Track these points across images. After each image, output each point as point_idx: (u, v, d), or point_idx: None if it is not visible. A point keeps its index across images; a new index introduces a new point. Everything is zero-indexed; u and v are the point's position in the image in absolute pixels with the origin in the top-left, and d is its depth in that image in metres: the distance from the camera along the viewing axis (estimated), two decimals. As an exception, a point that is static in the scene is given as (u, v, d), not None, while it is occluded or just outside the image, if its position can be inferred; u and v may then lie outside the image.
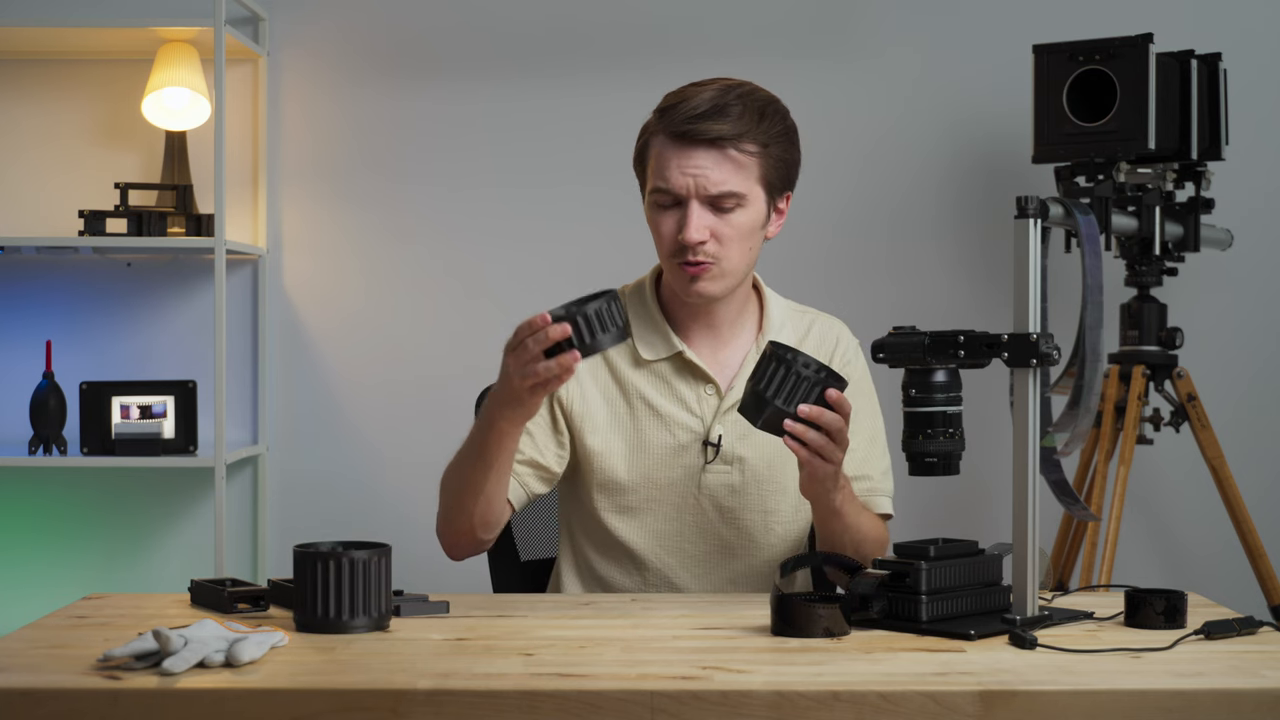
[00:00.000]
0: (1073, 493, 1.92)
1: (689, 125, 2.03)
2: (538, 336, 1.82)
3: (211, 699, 1.48)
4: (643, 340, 2.15)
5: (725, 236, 2.06)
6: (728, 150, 2.04)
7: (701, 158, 2.04)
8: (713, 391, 2.14)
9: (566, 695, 1.47)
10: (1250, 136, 3.46)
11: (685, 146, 2.04)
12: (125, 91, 3.59)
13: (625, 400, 2.14)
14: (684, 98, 2.06)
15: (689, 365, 2.14)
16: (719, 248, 2.06)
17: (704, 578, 2.15)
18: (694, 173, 2.04)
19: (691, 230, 2.03)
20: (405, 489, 3.59)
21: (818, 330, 2.24)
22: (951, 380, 1.82)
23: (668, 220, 2.07)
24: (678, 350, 2.14)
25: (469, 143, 3.61)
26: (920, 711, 1.46)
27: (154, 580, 3.57)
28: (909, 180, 3.59)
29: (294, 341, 3.63)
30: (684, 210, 2.05)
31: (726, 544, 2.14)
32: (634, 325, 2.15)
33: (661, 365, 2.15)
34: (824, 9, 3.60)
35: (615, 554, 2.15)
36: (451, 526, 2.07)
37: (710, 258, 2.06)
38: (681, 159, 2.04)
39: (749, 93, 2.07)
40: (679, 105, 2.05)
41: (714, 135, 2.03)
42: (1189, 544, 3.59)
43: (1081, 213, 1.91)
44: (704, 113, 2.03)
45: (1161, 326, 3.24)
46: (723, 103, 2.04)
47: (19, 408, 3.49)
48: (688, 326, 2.16)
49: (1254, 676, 1.54)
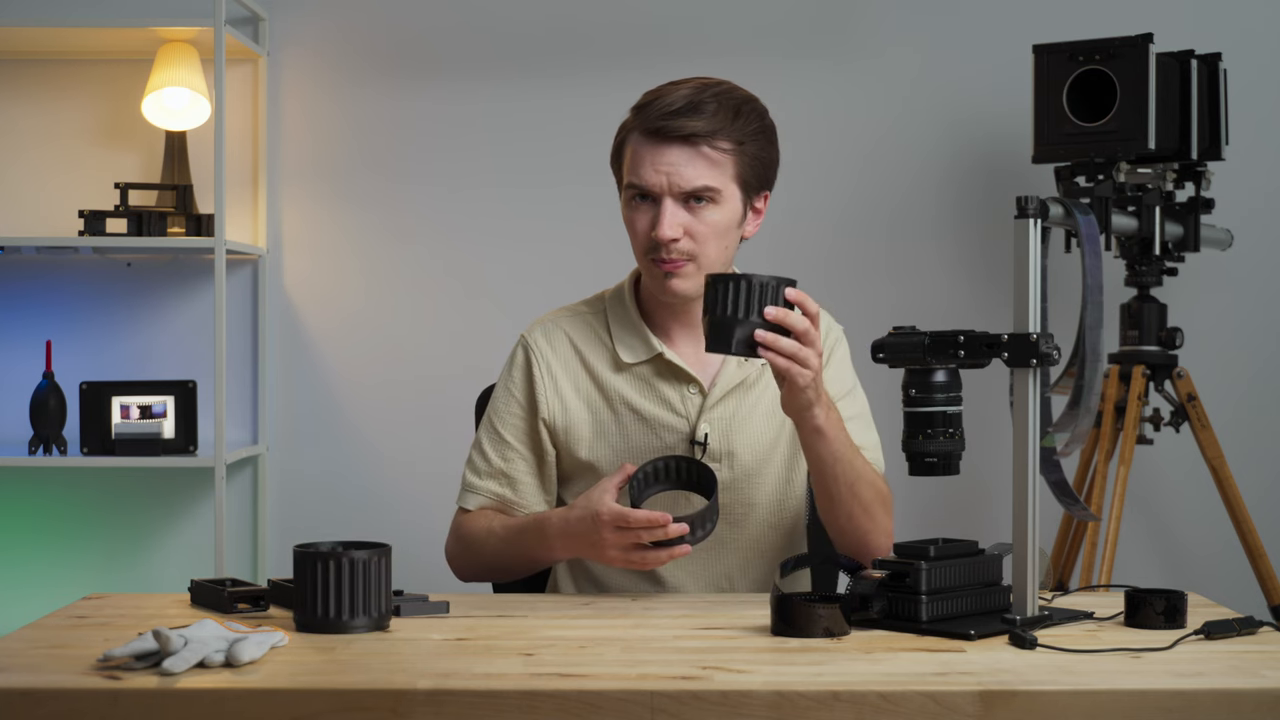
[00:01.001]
0: (1073, 493, 1.92)
1: (663, 122, 2.03)
2: (654, 532, 1.92)
3: (211, 699, 1.48)
4: (623, 344, 2.16)
5: (699, 234, 2.06)
6: (701, 147, 2.04)
7: (675, 154, 2.04)
8: (696, 391, 2.14)
9: (566, 695, 1.47)
10: (1250, 136, 3.46)
11: (659, 143, 2.04)
12: (125, 91, 3.59)
13: (609, 407, 2.15)
14: (659, 95, 2.07)
15: (670, 366, 2.14)
16: (693, 245, 2.06)
17: (699, 574, 2.15)
18: (667, 169, 2.04)
19: (665, 227, 2.03)
20: (405, 489, 3.59)
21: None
22: (951, 380, 1.82)
23: (642, 218, 2.07)
24: (658, 352, 2.14)
25: (469, 143, 3.61)
26: (920, 711, 1.46)
27: (154, 580, 3.57)
28: (909, 180, 3.58)
29: (294, 341, 3.63)
30: (658, 208, 2.05)
31: (719, 538, 2.14)
32: (617, 331, 2.17)
33: (642, 368, 2.15)
34: (824, 9, 3.59)
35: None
36: (472, 572, 2.21)
37: (684, 255, 2.06)
38: (655, 156, 2.04)
39: (725, 91, 2.07)
40: (654, 103, 2.06)
41: (688, 132, 2.03)
42: (1189, 544, 3.59)
43: (1081, 213, 1.91)
44: (678, 109, 2.03)
45: (1161, 326, 3.24)
46: (697, 100, 2.04)
47: (19, 408, 3.49)
48: (668, 327, 2.16)
49: (1254, 676, 1.54)
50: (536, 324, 2.23)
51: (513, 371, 2.21)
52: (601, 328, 2.19)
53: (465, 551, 2.18)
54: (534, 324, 2.24)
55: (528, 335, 2.22)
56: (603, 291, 2.24)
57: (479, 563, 2.18)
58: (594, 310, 2.22)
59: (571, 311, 2.24)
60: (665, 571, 2.14)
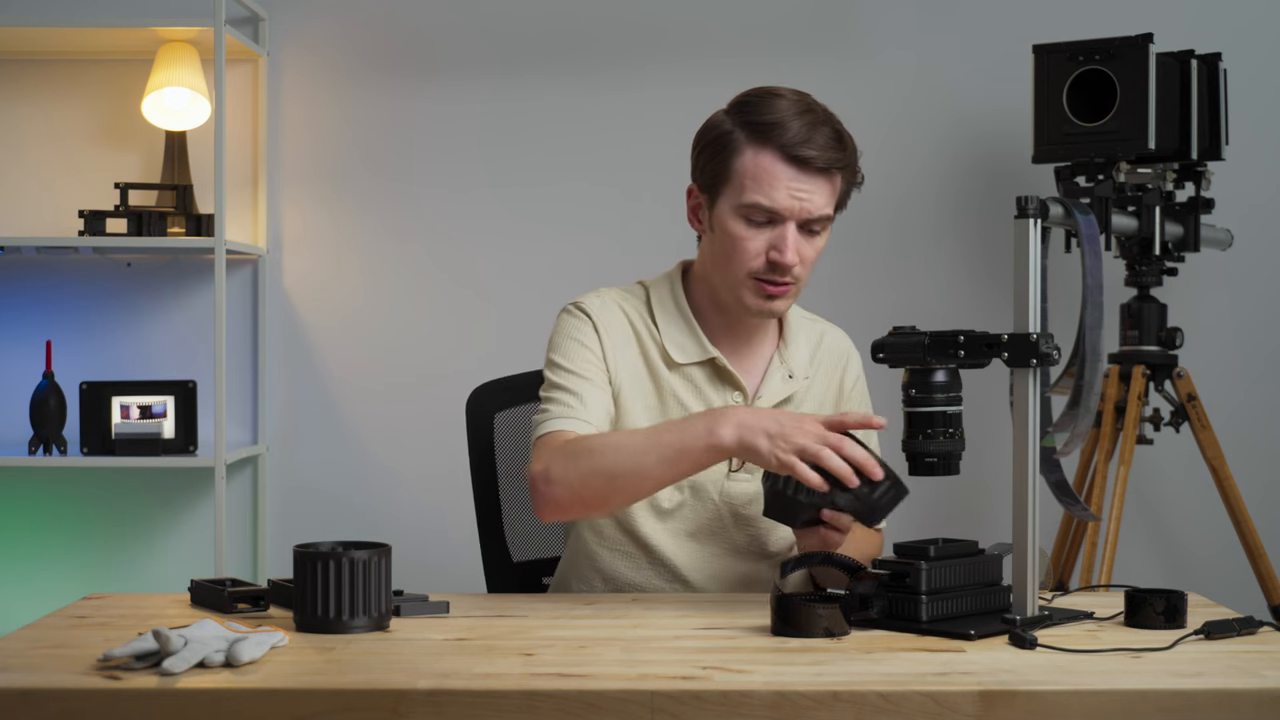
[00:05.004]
0: (1073, 493, 1.92)
1: (809, 151, 2.02)
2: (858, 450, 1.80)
3: (211, 699, 1.48)
4: (672, 341, 2.14)
5: (807, 259, 2.07)
6: (834, 178, 2.06)
7: (810, 182, 2.04)
8: (740, 399, 2.14)
9: (566, 695, 1.47)
10: (1250, 136, 3.46)
11: (799, 170, 2.03)
12: (125, 91, 3.59)
13: (660, 401, 2.13)
14: (777, 113, 2.04)
15: (721, 371, 2.14)
16: (801, 270, 2.07)
17: (724, 577, 2.15)
18: (803, 197, 2.03)
19: (791, 253, 2.03)
20: (405, 489, 3.59)
21: (828, 342, 2.26)
22: (951, 380, 1.82)
23: (757, 237, 2.05)
24: (711, 356, 2.13)
25: (469, 143, 3.61)
26: (920, 711, 1.46)
27: (154, 580, 3.57)
28: (909, 180, 3.58)
29: (294, 341, 3.63)
30: (777, 230, 2.04)
31: (736, 547, 2.15)
32: (665, 327, 2.15)
33: (693, 369, 2.14)
34: (823, 8, 3.59)
35: (630, 549, 2.14)
36: (586, 484, 1.95)
37: (794, 279, 2.07)
38: (793, 181, 2.03)
39: (831, 114, 2.09)
40: (781, 123, 2.03)
41: (826, 164, 2.03)
42: (1189, 544, 3.59)
43: (1081, 213, 1.91)
44: (816, 140, 2.03)
45: (1161, 326, 3.24)
46: (834, 129, 2.05)
47: (19, 408, 3.49)
48: (718, 333, 2.16)
49: (1254, 676, 1.54)
50: (589, 297, 2.16)
51: (577, 333, 2.12)
52: (650, 319, 2.16)
53: (579, 458, 1.95)
54: (585, 298, 2.17)
55: (585, 306, 2.14)
56: (641, 282, 2.21)
57: (600, 469, 1.94)
58: (640, 299, 2.19)
59: (622, 294, 2.19)
60: (690, 573, 2.14)
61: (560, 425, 2.03)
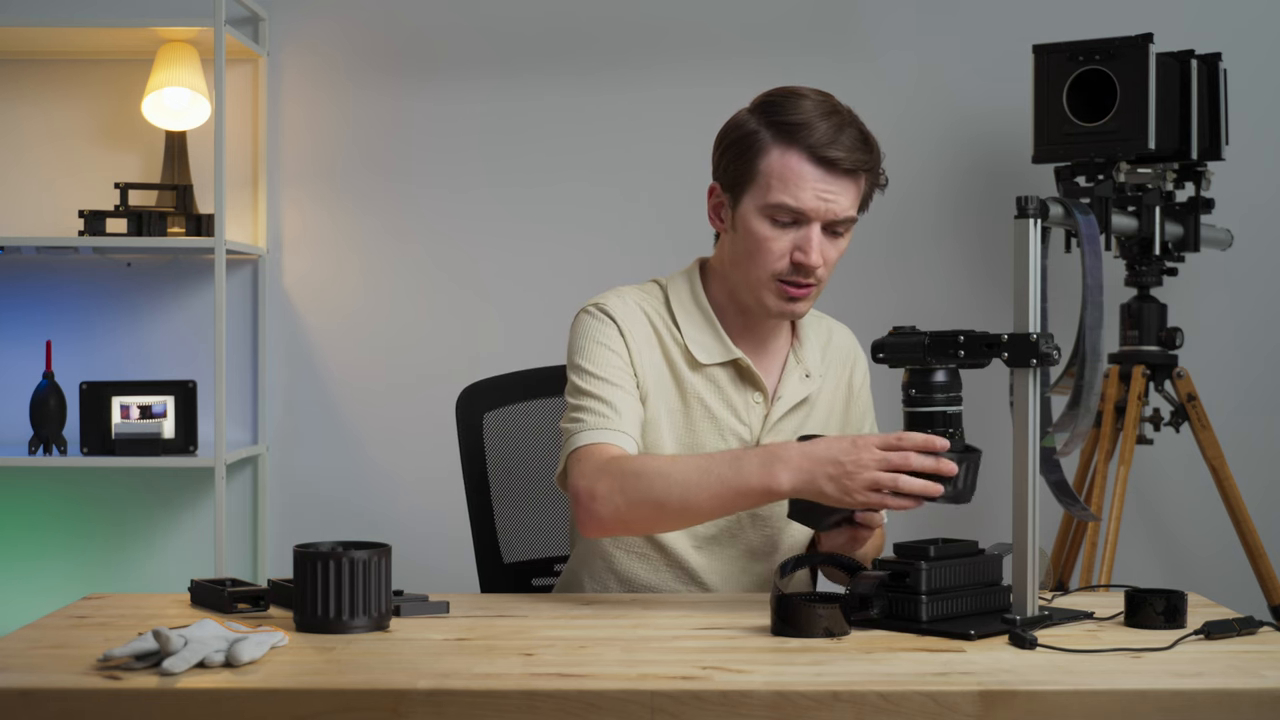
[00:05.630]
0: (1073, 493, 1.92)
1: (837, 153, 2.02)
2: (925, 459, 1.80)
3: (211, 699, 1.48)
4: (694, 342, 2.13)
5: (830, 261, 2.07)
6: (860, 180, 2.06)
7: (838, 184, 2.04)
8: (760, 400, 2.14)
9: (566, 695, 1.47)
10: (1250, 136, 3.46)
11: (826, 171, 2.03)
12: (125, 91, 3.59)
13: (683, 401, 2.12)
14: (804, 113, 2.04)
15: (744, 372, 2.13)
16: (824, 271, 2.07)
17: (738, 579, 2.15)
18: (830, 198, 2.03)
19: (815, 254, 2.03)
20: (405, 489, 3.59)
21: (837, 340, 2.26)
22: (951, 380, 1.82)
23: (782, 238, 2.04)
24: (735, 357, 2.12)
25: (469, 143, 3.61)
26: (920, 711, 1.46)
27: (154, 580, 3.57)
28: (909, 180, 3.58)
29: (294, 341, 3.63)
30: (802, 231, 2.04)
31: (751, 548, 2.15)
32: (687, 328, 2.13)
33: (715, 370, 2.13)
34: (823, 8, 3.59)
35: (647, 550, 2.13)
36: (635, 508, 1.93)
37: (817, 280, 2.07)
38: (820, 183, 2.03)
39: (855, 116, 2.09)
40: (811, 125, 2.03)
41: (854, 166, 2.04)
42: (1189, 544, 3.59)
43: (1081, 213, 1.91)
44: (844, 141, 2.03)
45: (1161, 326, 3.24)
46: (859, 131, 2.06)
47: (19, 408, 3.49)
48: (738, 332, 2.15)
49: (1254, 676, 1.54)
50: (609, 298, 2.13)
51: (603, 336, 2.08)
52: (670, 319, 2.15)
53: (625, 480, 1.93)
54: (605, 298, 2.13)
55: (607, 308, 2.11)
56: (656, 280, 2.20)
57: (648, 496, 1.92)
58: (659, 299, 2.17)
59: (640, 294, 2.16)
60: (706, 575, 2.13)
61: (599, 438, 2.01)
